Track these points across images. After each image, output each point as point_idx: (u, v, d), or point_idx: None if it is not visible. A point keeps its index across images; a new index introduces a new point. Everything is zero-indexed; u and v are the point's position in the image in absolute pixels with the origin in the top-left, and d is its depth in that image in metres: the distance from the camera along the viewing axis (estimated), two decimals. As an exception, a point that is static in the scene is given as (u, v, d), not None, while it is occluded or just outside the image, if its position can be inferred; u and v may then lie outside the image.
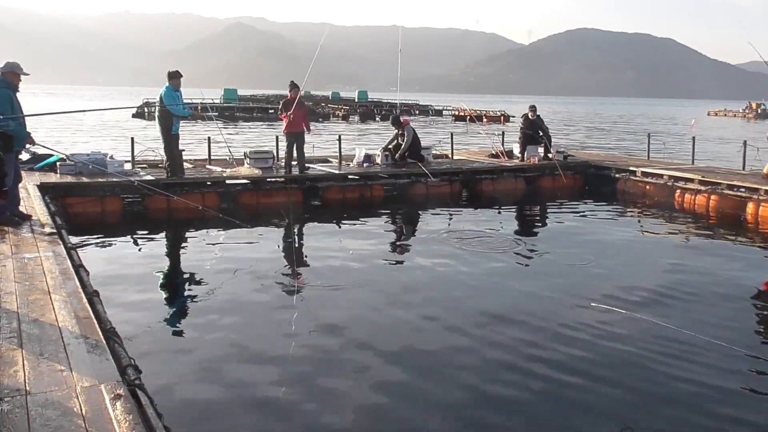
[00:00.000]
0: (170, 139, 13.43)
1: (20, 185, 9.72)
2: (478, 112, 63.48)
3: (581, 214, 15.10)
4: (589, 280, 9.63)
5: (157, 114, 13.85)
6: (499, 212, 15.27)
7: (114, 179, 13.13)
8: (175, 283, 9.08)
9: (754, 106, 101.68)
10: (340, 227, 13.16)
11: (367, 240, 11.96)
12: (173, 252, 11.05)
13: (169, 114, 13.23)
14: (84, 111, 14.78)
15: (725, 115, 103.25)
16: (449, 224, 13.80)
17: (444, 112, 74.46)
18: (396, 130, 17.22)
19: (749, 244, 12.43)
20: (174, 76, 13.41)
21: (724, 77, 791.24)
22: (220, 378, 5.99)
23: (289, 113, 14.76)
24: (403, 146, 16.84)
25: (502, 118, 63.50)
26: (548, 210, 15.87)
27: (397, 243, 12.34)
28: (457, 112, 68.26)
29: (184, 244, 11.59)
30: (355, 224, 13.35)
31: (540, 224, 14.70)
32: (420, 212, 14.75)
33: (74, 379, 4.04)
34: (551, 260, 10.83)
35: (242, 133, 38.69)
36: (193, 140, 23.70)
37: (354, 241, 11.91)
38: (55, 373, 4.13)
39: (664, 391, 5.89)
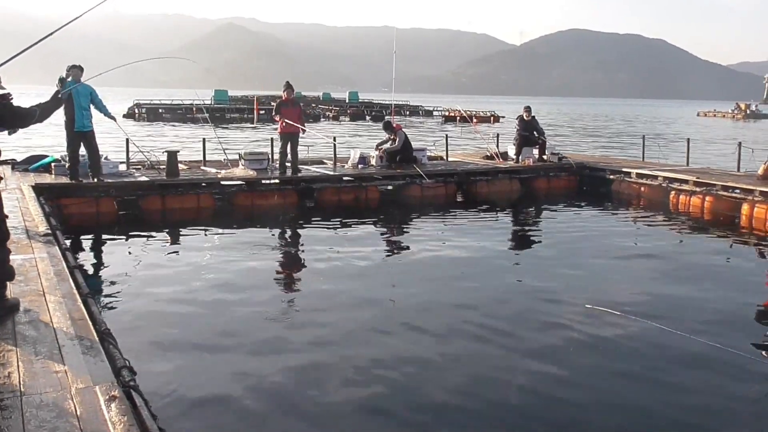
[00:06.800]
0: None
1: (14, 186, 9.62)
2: (469, 112, 63.66)
3: (576, 215, 15.11)
4: (583, 282, 9.62)
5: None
6: (494, 214, 15.26)
7: (109, 180, 13.11)
8: (169, 284, 9.01)
9: (743, 106, 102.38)
10: (334, 229, 13.10)
11: (362, 242, 11.95)
12: (168, 253, 10.98)
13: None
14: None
15: (714, 115, 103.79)
16: (444, 226, 13.79)
17: (434, 113, 74.69)
18: (388, 135, 17.15)
19: (744, 245, 12.44)
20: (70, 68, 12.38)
21: (715, 78, 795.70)
22: (214, 380, 5.96)
23: (283, 119, 14.69)
24: (391, 147, 16.79)
25: (492, 118, 63.69)
26: (543, 212, 15.89)
27: (391, 245, 12.31)
28: (447, 113, 68.50)
29: (178, 246, 11.54)
30: (349, 226, 13.32)
31: (535, 226, 14.70)
32: (414, 213, 14.72)
33: (69, 381, 4.00)
34: (546, 262, 10.83)
35: (234, 135, 38.57)
36: (187, 141, 23.63)
37: (347, 242, 11.88)
38: (50, 375, 4.09)
39: (658, 390, 5.89)
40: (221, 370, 6.16)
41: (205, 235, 12.20)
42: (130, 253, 10.91)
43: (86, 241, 11.36)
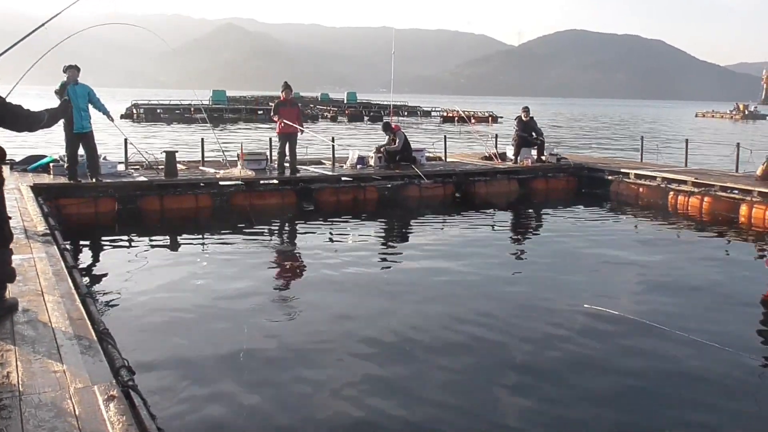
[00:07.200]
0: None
1: (12, 187, 9.60)
2: (467, 113, 63.69)
3: (574, 216, 15.11)
4: (582, 282, 9.61)
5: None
6: (493, 214, 15.25)
7: (107, 180, 13.11)
8: (168, 284, 9.00)
9: (741, 107, 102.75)
10: (333, 230, 13.10)
11: (360, 244, 11.95)
12: (166, 253, 10.98)
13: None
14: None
15: (713, 116, 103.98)
16: (442, 227, 13.79)
17: (432, 114, 74.80)
18: (388, 136, 17.15)
19: (742, 245, 12.45)
20: (66, 69, 12.44)
21: (713, 78, 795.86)
22: (212, 379, 5.95)
23: (282, 119, 14.65)
24: (391, 147, 16.80)
25: (490, 119, 63.78)
26: (542, 212, 15.89)
27: (389, 245, 12.31)
28: (445, 113, 68.63)
29: (177, 246, 11.53)
30: (347, 227, 13.32)
31: (533, 227, 14.70)
32: (413, 214, 14.71)
33: (68, 380, 3.99)
34: (544, 263, 10.82)
35: (232, 135, 38.55)
36: (185, 142, 23.60)
37: (345, 244, 11.88)
38: (49, 374, 4.08)
39: (655, 391, 5.89)
40: (219, 370, 6.15)
41: (204, 235, 12.18)
42: (128, 253, 10.90)
43: (85, 242, 11.34)
